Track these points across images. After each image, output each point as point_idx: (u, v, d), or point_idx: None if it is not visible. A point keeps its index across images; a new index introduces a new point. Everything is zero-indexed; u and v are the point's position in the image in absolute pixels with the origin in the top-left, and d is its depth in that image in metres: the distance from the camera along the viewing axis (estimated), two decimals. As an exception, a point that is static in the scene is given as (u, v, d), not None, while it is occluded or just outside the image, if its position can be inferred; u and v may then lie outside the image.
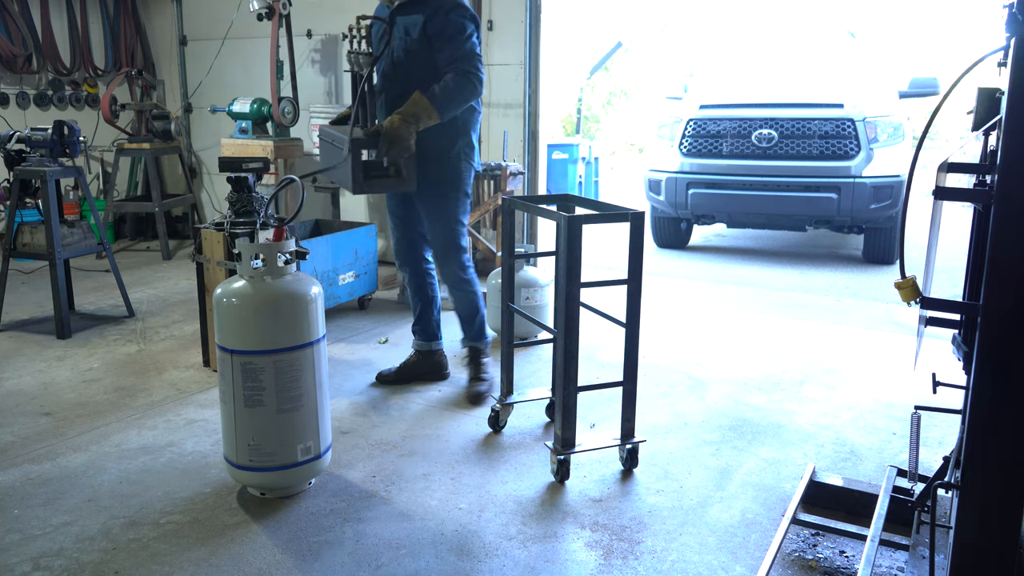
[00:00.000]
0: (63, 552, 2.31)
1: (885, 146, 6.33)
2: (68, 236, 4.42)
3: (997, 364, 1.47)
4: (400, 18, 3.22)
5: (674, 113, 7.04)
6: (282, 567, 2.25)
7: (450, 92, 3.07)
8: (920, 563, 2.16)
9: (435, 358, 3.68)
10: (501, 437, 3.12)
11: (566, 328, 2.65)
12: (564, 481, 2.75)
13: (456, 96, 3.10)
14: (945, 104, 1.68)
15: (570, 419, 2.69)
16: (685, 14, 17.11)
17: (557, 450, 2.72)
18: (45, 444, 3.01)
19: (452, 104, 3.10)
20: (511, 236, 3.07)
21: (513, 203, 3.02)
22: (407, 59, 3.21)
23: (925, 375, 2.18)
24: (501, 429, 3.16)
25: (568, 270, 2.59)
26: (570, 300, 2.63)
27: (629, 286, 2.71)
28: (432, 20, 3.14)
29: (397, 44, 3.22)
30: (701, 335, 4.50)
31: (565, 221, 2.58)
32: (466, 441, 3.09)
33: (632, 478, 2.80)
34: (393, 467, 2.86)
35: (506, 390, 3.15)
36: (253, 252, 2.51)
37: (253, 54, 6.10)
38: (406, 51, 3.21)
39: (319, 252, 4.32)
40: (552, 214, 2.75)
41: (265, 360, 2.47)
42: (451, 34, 3.12)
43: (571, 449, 2.72)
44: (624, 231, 2.69)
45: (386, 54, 3.23)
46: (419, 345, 3.67)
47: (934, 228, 1.93)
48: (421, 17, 3.16)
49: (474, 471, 2.84)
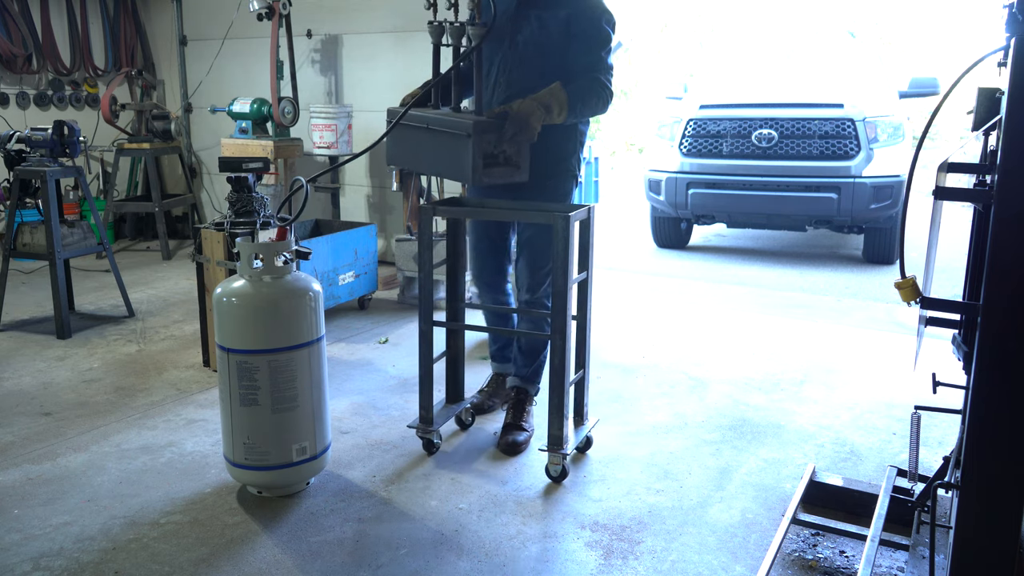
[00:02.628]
0: (63, 552, 2.31)
1: (885, 146, 6.32)
2: (68, 236, 4.42)
3: (997, 364, 1.47)
4: (534, 10, 2.89)
5: (674, 113, 7.03)
6: (282, 567, 2.25)
7: (585, 96, 2.82)
8: (920, 563, 2.16)
9: None
10: (501, 437, 3.12)
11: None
12: (562, 481, 2.75)
13: (589, 102, 2.83)
14: (945, 104, 1.68)
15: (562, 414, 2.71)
16: (685, 14, 17.11)
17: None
18: (45, 444, 3.01)
19: (584, 109, 2.84)
20: (429, 248, 2.83)
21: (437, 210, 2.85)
22: (538, 54, 2.89)
23: (925, 375, 2.18)
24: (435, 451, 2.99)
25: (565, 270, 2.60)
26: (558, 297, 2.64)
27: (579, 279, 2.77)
28: (578, 20, 2.85)
29: (526, 35, 2.88)
30: (701, 335, 4.50)
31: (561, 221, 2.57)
32: (466, 441, 3.09)
33: (632, 478, 2.80)
34: (393, 467, 2.86)
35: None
36: (253, 252, 2.51)
37: (253, 54, 6.10)
38: (537, 44, 2.88)
39: (319, 252, 4.32)
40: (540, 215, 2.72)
41: (260, 359, 2.47)
42: (596, 44, 2.86)
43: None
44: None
45: (506, 42, 2.91)
46: (501, 368, 3.37)
47: (934, 228, 1.93)
48: (565, 13, 2.86)
49: (474, 471, 2.84)
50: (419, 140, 2.82)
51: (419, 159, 2.86)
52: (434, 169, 2.89)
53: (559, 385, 2.69)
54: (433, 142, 2.76)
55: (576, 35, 2.86)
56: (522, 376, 3.19)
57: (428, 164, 2.87)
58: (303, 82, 5.84)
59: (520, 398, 3.15)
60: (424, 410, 2.91)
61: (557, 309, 2.65)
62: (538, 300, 3.07)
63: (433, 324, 2.87)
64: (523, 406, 3.14)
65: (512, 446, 2.98)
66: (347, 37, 5.90)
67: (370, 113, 5.64)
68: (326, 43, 5.98)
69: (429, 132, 2.76)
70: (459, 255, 3.02)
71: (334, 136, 5.52)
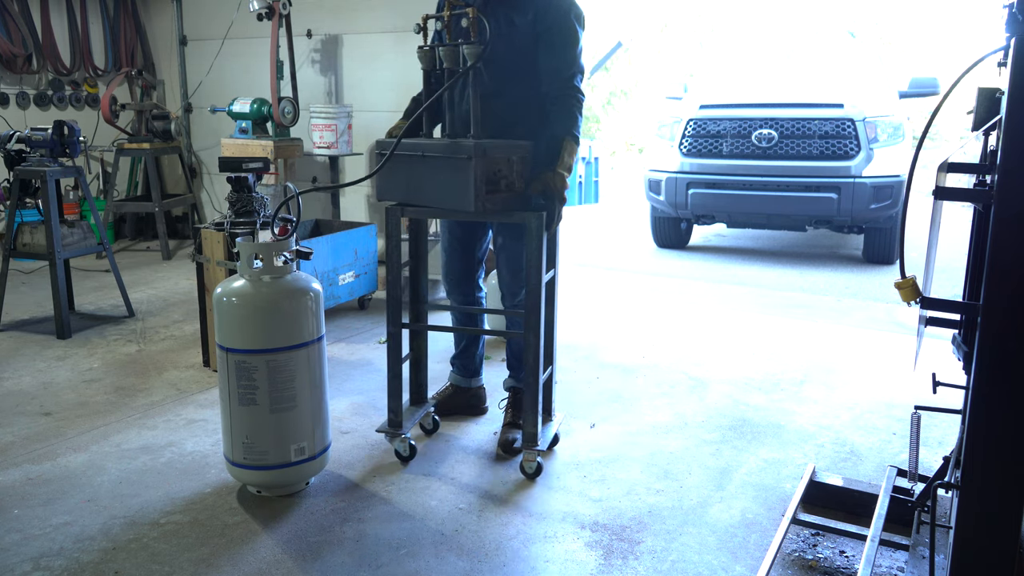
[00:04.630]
0: (63, 552, 2.31)
1: (885, 146, 6.33)
2: (68, 236, 4.42)
3: (997, 364, 1.47)
4: (501, 8, 2.76)
5: (674, 113, 7.04)
6: (282, 567, 2.25)
7: (577, 124, 2.77)
8: (920, 563, 2.16)
9: (474, 392, 3.36)
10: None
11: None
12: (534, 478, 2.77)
13: (579, 125, 2.77)
14: (945, 104, 1.68)
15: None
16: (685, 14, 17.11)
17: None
18: (45, 444, 3.01)
19: (578, 133, 2.80)
20: (398, 248, 2.82)
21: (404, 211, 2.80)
22: (506, 54, 2.72)
23: (925, 375, 2.18)
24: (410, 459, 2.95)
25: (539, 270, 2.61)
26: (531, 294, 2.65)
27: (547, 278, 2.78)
28: (543, 18, 2.74)
29: (494, 34, 2.65)
30: (701, 335, 4.50)
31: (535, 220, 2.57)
32: (466, 441, 3.09)
33: (632, 478, 2.80)
34: (393, 467, 2.86)
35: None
36: (253, 252, 2.51)
37: (253, 54, 6.09)
38: (506, 44, 2.72)
39: (319, 252, 4.32)
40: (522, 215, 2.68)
41: (258, 359, 2.47)
42: (564, 42, 2.76)
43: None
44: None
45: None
46: (459, 380, 3.33)
47: (934, 228, 1.93)
48: (532, 11, 2.74)
49: (474, 471, 2.84)
50: (412, 171, 2.68)
51: (413, 190, 2.71)
52: (431, 199, 2.67)
53: (533, 383, 2.70)
54: (428, 171, 2.63)
55: (542, 33, 2.76)
56: (517, 377, 3.19)
57: (424, 195, 2.70)
58: (303, 82, 5.83)
59: (518, 398, 3.15)
60: (393, 413, 2.87)
61: (530, 307, 2.65)
62: (519, 304, 3.04)
63: (402, 326, 2.84)
64: (521, 405, 3.11)
65: (510, 444, 2.98)
66: (347, 37, 5.89)
67: (370, 113, 5.64)
68: (326, 43, 5.98)
69: (424, 160, 2.63)
70: (420, 256, 2.97)
71: (334, 136, 5.52)
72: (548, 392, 2.96)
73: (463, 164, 2.50)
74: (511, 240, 2.99)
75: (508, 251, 3.03)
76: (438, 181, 2.61)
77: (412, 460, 2.90)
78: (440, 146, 2.60)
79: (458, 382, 3.34)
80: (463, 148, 2.50)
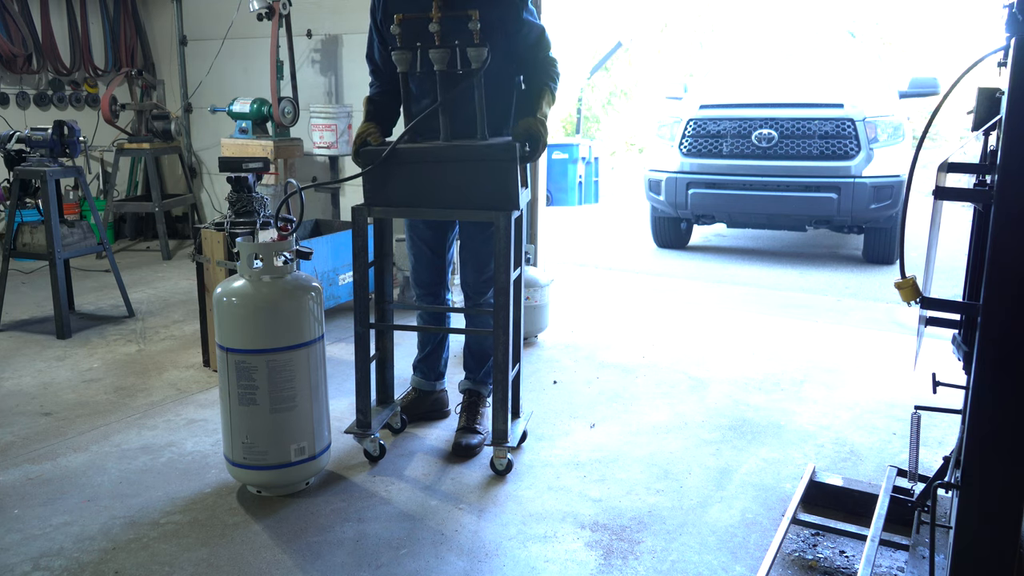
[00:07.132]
0: (63, 552, 2.31)
1: (885, 146, 6.33)
2: (68, 236, 4.42)
3: (997, 364, 1.47)
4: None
5: (674, 113, 7.04)
6: (282, 567, 2.25)
7: (551, 76, 2.84)
8: (920, 563, 2.16)
9: (437, 396, 3.31)
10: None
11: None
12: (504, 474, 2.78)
13: (557, 83, 2.86)
14: (945, 104, 1.68)
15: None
16: (685, 14, 17.11)
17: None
18: (45, 444, 3.01)
19: (557, 90, 2.87)
20: (364, 248, 2.77)
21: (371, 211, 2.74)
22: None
23: (925, 375, 2.18)
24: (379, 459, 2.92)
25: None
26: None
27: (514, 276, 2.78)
28: (497, 3, 2.71)
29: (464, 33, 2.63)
30: (701, 335, 4.50)
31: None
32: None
33: (632, 478, 2.80)
34: (393, 467, 2.86)
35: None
36: (253, 252, 2.52)
37: (253, 54, 6.09)
38: (471, 39, 2.65)
39: (319, 252, 4.32)
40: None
41: (258, 359, 2.48)
42: (517, 14, 2.76)
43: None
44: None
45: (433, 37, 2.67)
46: (422, 384, 3.28)
47: (934, 228, 1.93)
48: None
49: (474, 472, 2.84)
50: (418, 175, 2.63)
51: (423, 195, 2.64)
52: (450, 202, 2.61)
53: (502, 380, 2.70)
54: (447, 175, 2.59)
55: (501, 17, 2.71)
56: (474, 379, 3.17)
57: (439, 199, 2.63)
58: (303, 82, 5.84)
59: (473, 400, 3.14)
60: (362, 414, 2.83)
61: (500, 305, 2.65)
62: (484, 303, 3.03)
63: (369, 326, 2.82)
64: (476, 408, 3.12)
65: (466, 449, 2.95)
66: (347, 37, 5.89)
67: (370, 113, 5.64)
68: (326, 43, 5.98)
69: (440, 165, 2.59)
70: (386, 255, 2.94)
71: (334, 136, 5.52)
72: (516, 390, 2.96)
73: (503, 167, 2.55)
74: (478, 241, 2.99)
75: (474, 251, 3.02)
76: (462, 183, 2.61)
77: (412, 460, 2.90)
78: (466, 150, 2.60)
79: (421, 386, 3.28)
80: (500, 150, 2.55)
